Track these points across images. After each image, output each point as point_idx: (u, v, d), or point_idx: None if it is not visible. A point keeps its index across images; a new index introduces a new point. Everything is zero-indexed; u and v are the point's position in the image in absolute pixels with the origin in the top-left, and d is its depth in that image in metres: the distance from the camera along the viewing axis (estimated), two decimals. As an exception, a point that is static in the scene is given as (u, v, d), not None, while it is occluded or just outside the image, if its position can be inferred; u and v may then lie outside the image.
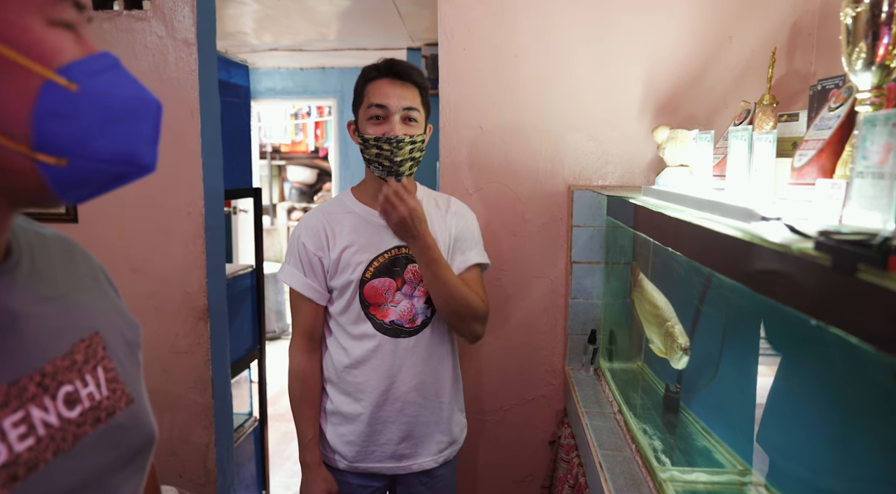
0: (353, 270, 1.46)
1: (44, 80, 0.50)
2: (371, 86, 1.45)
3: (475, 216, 1.59)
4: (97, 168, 0.53)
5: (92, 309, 0.66)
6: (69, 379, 0.57)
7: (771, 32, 1.76)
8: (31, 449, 0.51)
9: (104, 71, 0.54)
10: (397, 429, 1.50)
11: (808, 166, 1.02)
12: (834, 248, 0.60)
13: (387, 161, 1.42)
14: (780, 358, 1.05)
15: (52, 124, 0.50)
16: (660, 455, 1.29)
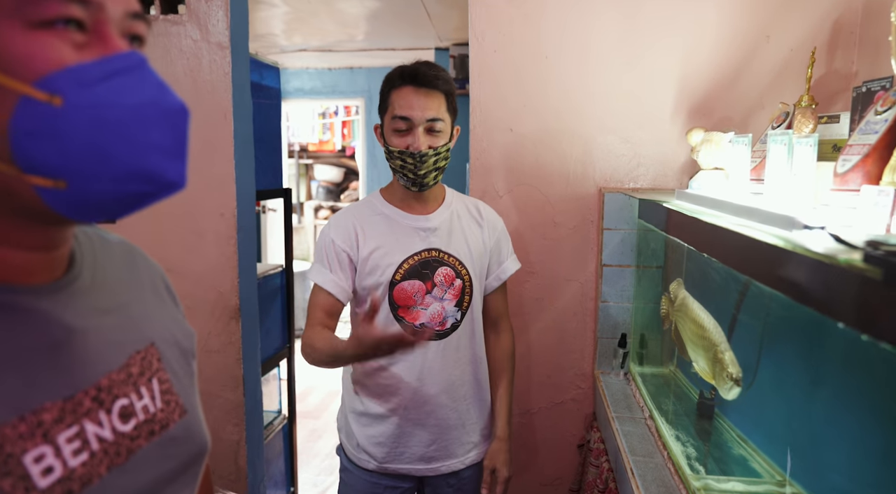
0: (382, 272, 1.46)
1: (19, 96, 0.45)
2: (395, 95, 1.44)
3: (502, 220, 1.60)
4: (107, 188, 0.48)
5: (149, 320, 0.66)
6: (124, 392, 0.57)
7: (810, 31, 1.72)
8: (86, 464, 0.51)
9: (108, 77, 0.48)
10: (426, 431, 1.51)
11: (852, 172, 1.00)
12: (885, 261, 0.58)
13: (411, 174, 1.42)
14: (821, 368, 1.03)
15: (33, 144, 0.45)
16: (693, 463, 1.27)
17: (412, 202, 1.50)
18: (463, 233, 1.52)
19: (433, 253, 1.48)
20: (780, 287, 0.81)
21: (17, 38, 0.45)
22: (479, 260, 1.52)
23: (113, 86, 0.47)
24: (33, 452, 0.48)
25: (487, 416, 1.60)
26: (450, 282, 1.48)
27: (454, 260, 1.49)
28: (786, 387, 1.17)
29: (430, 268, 1.47)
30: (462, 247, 1.50)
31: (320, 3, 3.23)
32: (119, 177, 0.48)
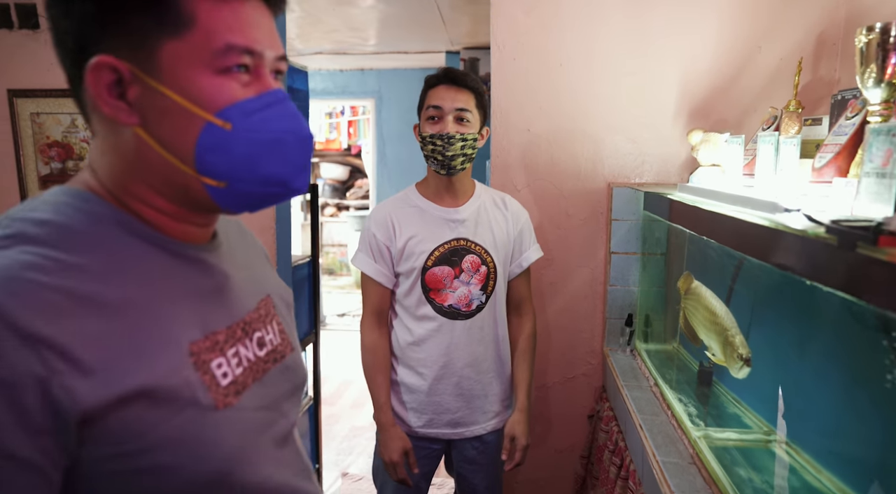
0: (416, 258, 1.66)
1: (205, 122, 0.62)
2: (431, 92, 1.64)
3: (526, 212, 1.80)
4: (252, 189, 0.65)
5: (264, 277, 0.86)
6: (259, 327, 0.77)
7: (798, 42, 1.92)
8: (242, 375, 0.71)
9: (262, 108, 0.64)
10: (453, 400, 1.70)
11: (827, 167, 1.19)
12: (840, 231, 0.78)
13: (440, 156, 1.61)
14: (800, 330, 1.23)
15: (210, 156, 0.63)
16: (694, 420, 1.47)
17: (444, 194, 1.70)
18: (489, 223, 1.71)
19: (461, 242, 1.68)
20: (766, 259, 1.01)
21: (207, 81, 0.62)
22: (503, 248, 1.72)
23: (265, 116, 0.64)
24: (216, 361, 0.67)
25: (508, 388, 1.80)
26: (476, 268, 1.68)
27: (480, 248, 1.68)
28: (772, 352, 1.37)
29: (458, 256, 1.67)
30: (488, 237, 1.70)
31: (334, 6, 3.41)
32: (263, 181, 0.66)
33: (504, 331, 1.76)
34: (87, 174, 0.67)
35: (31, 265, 0.55)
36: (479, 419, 1.73)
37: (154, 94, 0.61)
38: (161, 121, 0.62)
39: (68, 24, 0.61)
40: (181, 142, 0.63)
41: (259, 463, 0.69)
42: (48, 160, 2.41)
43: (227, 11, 0.62)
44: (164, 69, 0.61)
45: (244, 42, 0.63)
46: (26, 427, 0.51)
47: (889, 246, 0.71)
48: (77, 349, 0.53)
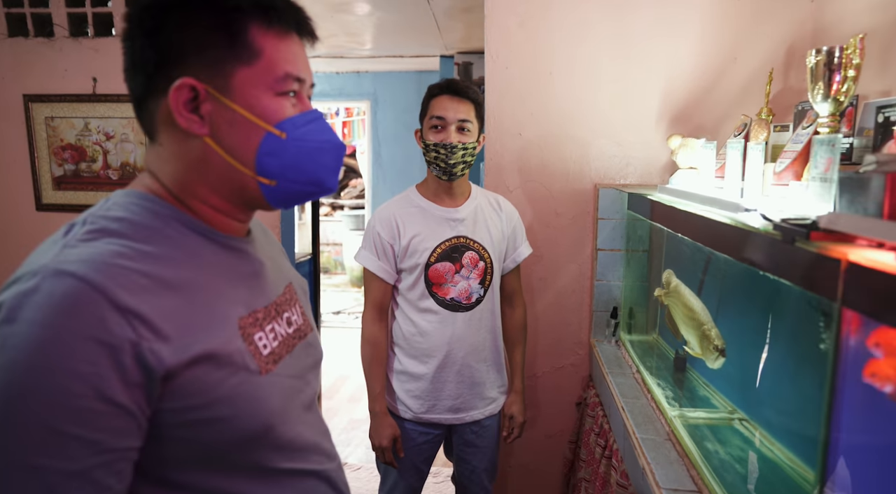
0: (420, 255, 1.79)
1: (266, 132, 0.76)
2: (434, 101, 1.77)
3: (517, 212, 1.94)
4: (296, 188, 0.80)
5: (285, 268, 1.00)
6: (286, 309, 0.91)
7: (770, 54, 2.07)
8: (277, 347, 0.84)
9: (307, 123, 0.79)
10: (455, 387, 1.83)
11: (785, 171, 1.33)
12: (783, 228, 0.92)
13: (443, 163, 1.75)
14: (758, 318, 1.36)
15: (268, 159, 0.77)
16: (670, 401, 1.61)
17: (443, 196, 1.83)
18: (486, 222, 1.85)
19: (461, 239, 1.81)
20: (728, 252, 1.15)
21: (269, 101, 0.77)
22: (498, 245, 1.86)
23: (309, 129, 0.80)
24: (258, 334, 0.81)
25: (503, 375, 1.93)
26: (475, 264, 1.81)
27: (478, 245, 1.82)
28: (735, 338, 1.51)
29: (458, 252, 1.80)
30: (485, 235, 1.83)
31: (331, 13, 3.53)
32: (305, 181, 0.81)
33: (499, 322, 1.90)
34: (148, 179, 0.80)
35: (117, 253, 0.68)
36: (478, 404, 1.87)
37: (225, 110, 0.75)
38: (229, 131, 0.76)
39: (152, 53, 0.74)
40: (245, 149, 0.77)
41: (293, 422, 0.83)
42: (62, 162, 2.53)
43: (284, 47, 0.77)
44: (236, 90, 0.75)
45: (296, 72, 0.78)
46: (125, 380, 0.63)
47: (819, 239, 0.85)
48: (157, 320, 0.66)
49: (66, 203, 2.55)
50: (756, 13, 2.07)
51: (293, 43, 0.79)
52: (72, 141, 2.50)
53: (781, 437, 1.29)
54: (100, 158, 2.50)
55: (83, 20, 2.47)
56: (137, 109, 0.80)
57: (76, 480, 0.62)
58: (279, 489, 0.81)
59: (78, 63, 2.43)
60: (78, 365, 0.61)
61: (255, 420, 0.75)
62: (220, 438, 0.72)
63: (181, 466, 0.73)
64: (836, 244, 0.83)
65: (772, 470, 1.25)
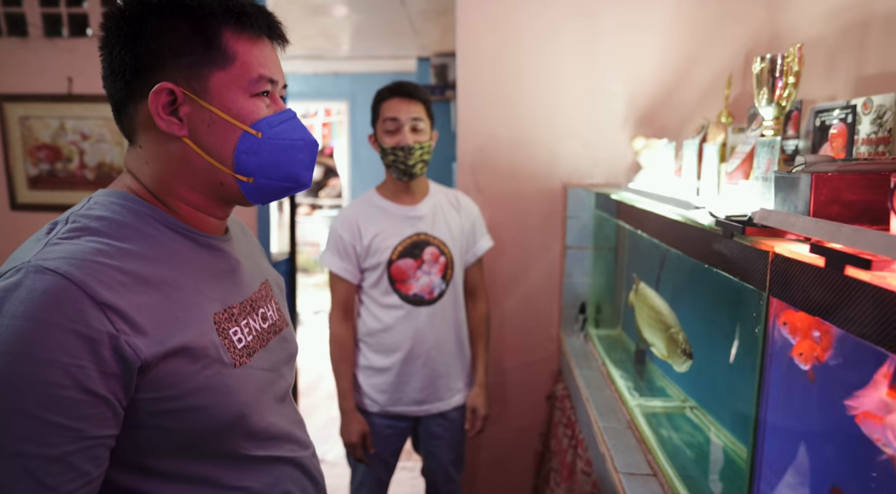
0: (382, 253, 1.84)
1: (242, 132, 0.81)
2: (385, 105, 1.83)
3: (477, 207, 2.01)
4: (272, 184, 0.84)
5: (262, 265, 1.04)
6: (261, 305, 0.95)
7: (729, 58, 2.15)
8: (252, 341, 0.89)
9: (281, 122, 0.84)
10: (420, 379, 1.89)
11: (736, 171, 1.41)
12: (723, 224, 0.99)
13: (402, 165, 1.81)
14: (707, 310, 1.43)
15: (245, 157, 0.81)
16: (631, 392, 1.68)
17: (402, 195, 1.88)
18: (445, 218, 1.91)
19: (421, 236, 1.87)
20: (679, 247, 1.22)
21: (244, 102, 0.81)
22: (458, 240, 1.92)
23: (284, 128, 0.84)
24: (233, 329, 0.85)
25: (468, 367, 1.99)
26: (436, 259, 1.87)
27: (438, 241, 1.88)
28: (687, 331, 1.58)
29: (419, 248, 1.86)
30: (444, 231, 1.89)
31: (308, 15, 3.56)
32: (281, 178, 0.85)
33: (462, 315, 1.96)
34: (129, 179, 0.84)
35: (97, 251, 0.72)
36: (444, 395, 1.93)
37: (202, 112, 0.79)
38: (208, 132, 0.80)
39: (131, 59, 0.78)
40: (223, 148, 0.81)
41: (266, 412, 0.87)
42: (37, 162, 2.53)
43: (256, 50, 0.82)
44: (213, 92, 0.79)
45: (269, 73, 0.83)
46: (103, 371, 0.68)
47: (753, 234, 0.92)
48: (135, 315, 0.71)
49: (41, 203, 2.55)
50: (716, 19, 2.15)
51: (265, 46, 0.84)
52: (47, 140, 2.51)
53: (724, 421, 1.36)
54: (76, 158, 2.51)
55: (58, 20, 2.48)
56: (116, 113, 0.84)
57: (56, 465, 0.66)
58: (253, 474, 0.86)
59: (53, 63, 2.44)
60: (59, 357, 0.65)
61: (228, 410, 0.79)
62: (195, 427, 0.77)
63: (157, 453, 0.77)
64: (768, 239, 0.90)
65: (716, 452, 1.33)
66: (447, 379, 1.92)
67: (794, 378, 0.83)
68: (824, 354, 0.86)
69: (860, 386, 0.77)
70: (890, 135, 1.14)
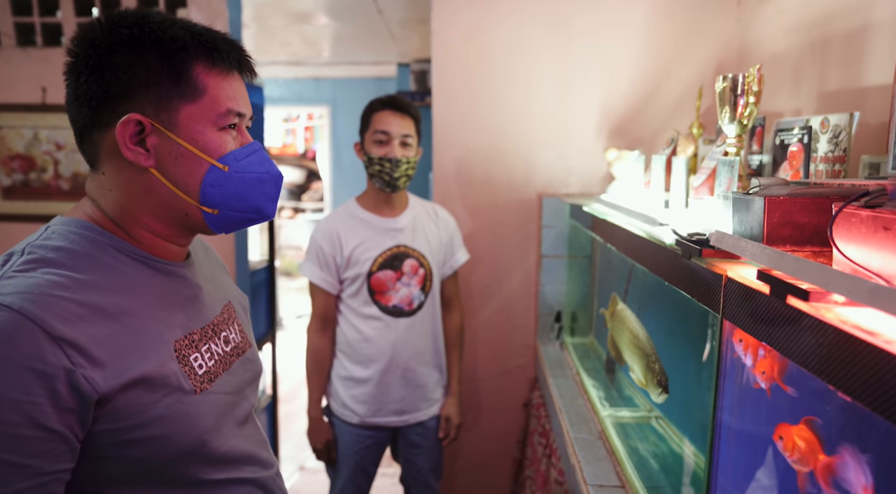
0: (362, 265, 1.85)
1: (210, 165, 0.81)
2: (377, 116, 1.85)
3: (454, 220, 2.03)
4: (237, 216, 0.85)
5: (225, 286, 1.05)
6: (224, 328, 0.96)
7: (700, 72, 2.19)
8: (213, 366, 0.89)
9: (248, 155, 0.85)
10: (399, 390, 1.90)
11: (702, 186, 1.44)
12: (681, 244, 1.01)
13: (387, 176, 1.82)
14: (668, 323, 1.46)
15: (211, 190, 0.82)
16: (602, 401, 1.70)
17: (383, 207, 1.90)
18: (424, 231, 1.93)
19: (401, 248, 1.88)
20: (643, 262, 1.24)
21: (212, 136, 0.82)
22: (437, 252, 1.94)
23: (250, 161, 0.85)
24: (194, 355, 0.86)
25: (443, 379, 2.01)
26: (415, 271, 1.89)
27: (418, 253, 1.89)
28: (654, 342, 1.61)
29: (399, 260, 1.87)
30: (424, 243, 1.91)
31: (289, 23, 3.57)
32: (245, 210, 0.86)
33: (440, 326, 1.98)
34: (89, 206, 0.84)
35: (54, 283, 0.72)
36: (422, 405, 1.94)
37: (170, 144, 0.80)
38: (175, 164, 0.81)
39: (98, 88, 0.78)
40: (190, 180, 0.82)
41: (227, 436, 0.88)
42: (10, 172, 2.51)
43: (226, 84, 0.83)
44: (181, 125, 0.80)
45: (237, 107, 0.84)
46: (58, 406, 0.68)
47: (709, 256, 0.94)
48: (92, 347, 0.71)
49: (15, 213, 2.53)
50: (687, 32, 2.19)
51: (234, 80, 0.84)
52: (21, 150, 2.49)
53: (686, 431, 1.39)
54: (50, 168, 2.49)
55: (31, 29, 2.46)
56: (79, 139, 0.84)
57: None
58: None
59: (26, 72, 2.42)
60: (12, 394, 0.65)
61: (188, 438, 0.80)
62: (154, 455, 0.77)
63: (116, 483, 0.77)
64: (724, 261, 0.93)
65: (678, 462, 1.35)
66: (426, 389, 1.94)
67: (747, 392, 0.85)
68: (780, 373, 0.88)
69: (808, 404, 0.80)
70: (845, 154, 1.18)
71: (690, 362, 1.20)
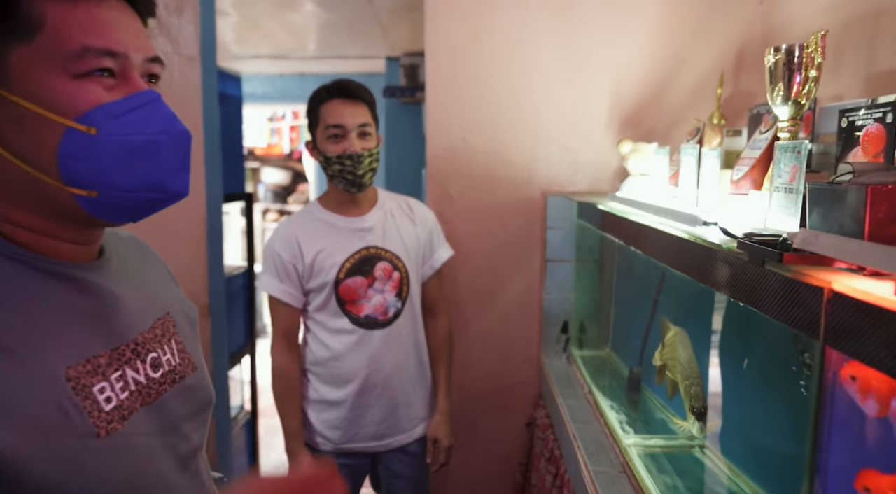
0: (327, 273, 1.62)
1: (66, 128, 0.59)
2: (325, 108, 1.61)
3: (433, 214, 1.81)
4: (128, 197, 0.63)
5: (163, 295, 0.82)
6: (154, 348, 0.73)
7: (720, 56, 1.99)
8: (128, 399, 0.66)
9: (132, 110, 0.62)
10: (378, 411, 1.67)
11: (743, 179, 1.23)
12: (749, 246, 0.80)
13: (350, 175, 1.59)
14: (720, 338, 1.26)
15: (74, 163, 0.60)
16: (624, 427, 1.49)
17: (348, 206, 1.67)
18: (397, 229, 1.70)
19: (371, 250, 1.66)
20: (685, 270, 1.04)
21: (64, 86, 0.59)
22: (413, 252, 1.71)
23: (135, 117, 0.62)
24: (98, 385, 0.63)
25: (430, 394, 1.79)
26: (388, 275, 1.66)
27: (391, 254, 1.67)
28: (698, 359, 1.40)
29: (369, 264, 1.65)
30: (397, 243, 1.68)
31: (272, 12, 3.34)
32: (138, 187, 0.63)
33: (422, 335, 1.76)
34: None
35: None
36: (405, 427, 1.72)
37: (6, 105, 0.58)
38: (15, 131, 0.59)
39: None
40: (41, 152, 0.59)
41: (153, 490, 0.65)
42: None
43: (80, 13, 0.60)
44: (15, 77, 0.58)
45: (103, 44, 0.60)
46: None
47: (793, 262, 0.73)
48: None
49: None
50: (705, 14, 1.99)
51: (98, 7, 0.61)
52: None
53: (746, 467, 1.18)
54: None
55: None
56: None
57: None
58: None
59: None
60: None
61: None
62: None
63: None
64: (812, 268, 0.72)
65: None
66: (408, 408, 1.72)
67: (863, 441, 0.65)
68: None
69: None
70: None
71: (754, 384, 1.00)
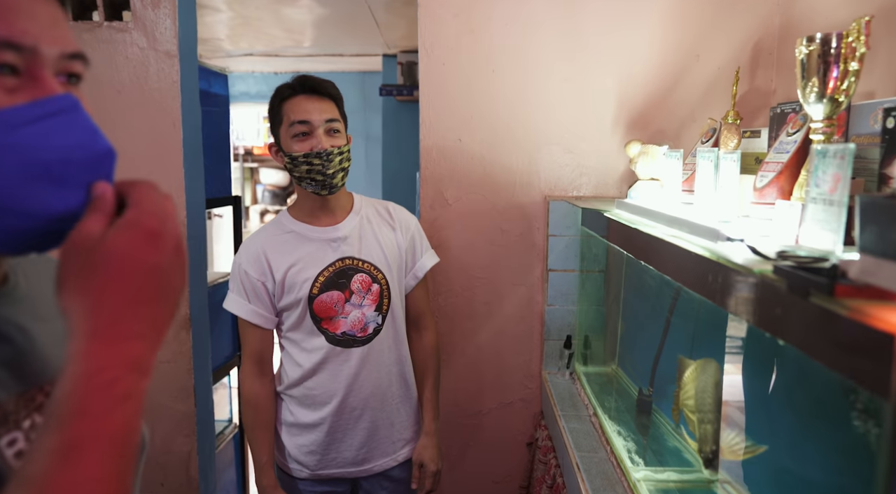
0: (300, 288, 1.49)
1: None
2: (289, 105, 1.48)
3: (415, 218, 1.67)
4: (30, 225, 0.50)
5: None
6: None
7: (734, 52, 1.86)
8: None
9: (38, 119, 0.49)
10: (357, 435, 1.55)
11: (768, 187, 1.10)
12: (790, 274, 0.67)
13: (319, 175, 1.46)
14: (742, 365, 1.13)
15: None
16: (633, 456, 1.36)
17: (319, 214, 1.54)
18: (375, 237, 1.56)
19: (347, 261, 1.52)
20: (706, 293, 0.90)
21: None
22: (394, 261, 1.57)
23: (42, 128, 0.49)
24: (7, 436, 0.52)
25: (416, 413, 1.65)
26: (367, 288, 1.52)
27: (369, 265, 1.53)
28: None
29: (345, 277, 1.51)
30: (375, 252, 1.55)
31: (266, 8, 3.23)
32: (43, 214, 0.49)
33: (406, 351, 1.63)
34: None
35: None
36: (388, 449, 1.59)
37: None
38: None
39: None
40: None
41: None
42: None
43: None
44: None
45: (3, 33, 0.48)
46: None
47: (847, 296, 0.60)
48: None
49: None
50: (719, 7, 1.86)
51: None
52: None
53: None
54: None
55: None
56: None
57: None
58: None
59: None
60: None
61: None
62: None
63: None
64: (870, 303, 0.59)
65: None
66: (390, 429, 1.59)
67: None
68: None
69: None
70: None
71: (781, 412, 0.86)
